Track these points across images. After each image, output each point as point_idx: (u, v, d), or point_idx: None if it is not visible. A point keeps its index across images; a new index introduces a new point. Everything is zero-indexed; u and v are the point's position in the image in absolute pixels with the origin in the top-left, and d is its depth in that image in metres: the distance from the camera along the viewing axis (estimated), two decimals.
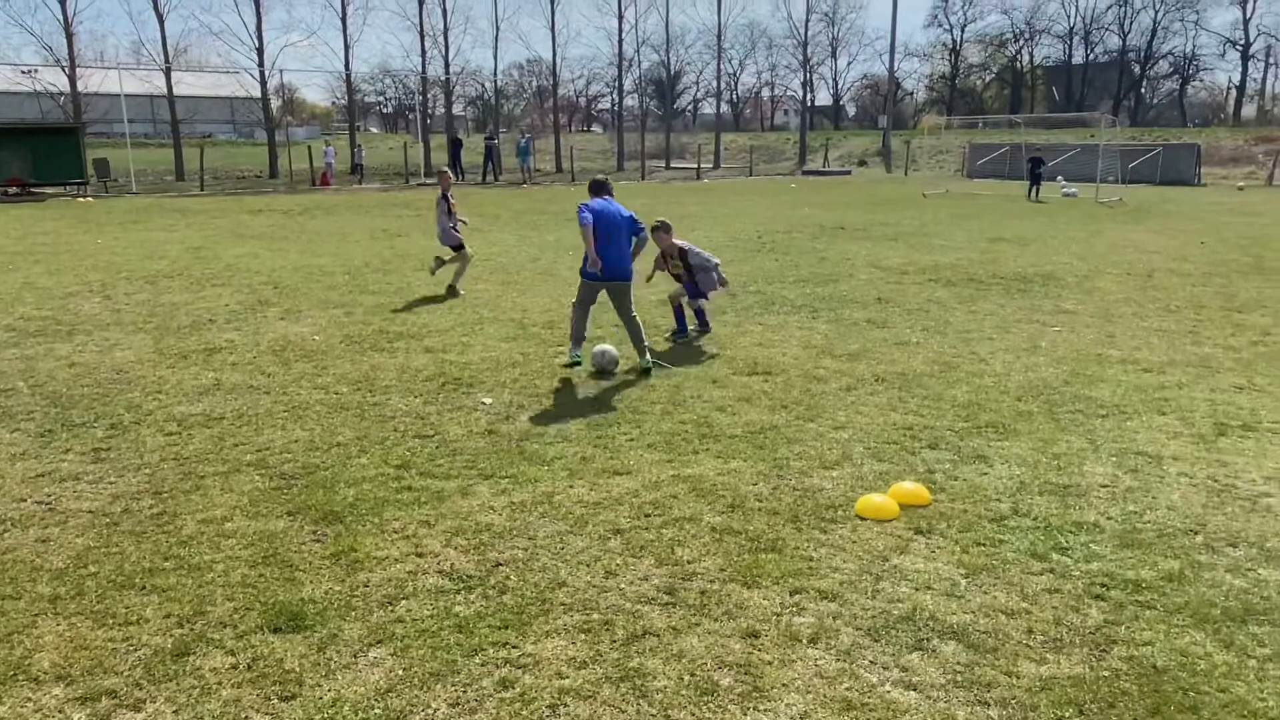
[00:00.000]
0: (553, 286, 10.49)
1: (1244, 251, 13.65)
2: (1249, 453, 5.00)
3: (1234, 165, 38.88)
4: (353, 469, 4.78)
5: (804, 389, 6.27)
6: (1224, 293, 10.05)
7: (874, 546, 3.87)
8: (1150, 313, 8.93)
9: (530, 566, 3.70)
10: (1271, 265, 12.19)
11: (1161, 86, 73.28)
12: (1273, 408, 5.81)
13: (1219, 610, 3.34)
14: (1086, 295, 9.90)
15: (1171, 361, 7.00)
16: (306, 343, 7.65)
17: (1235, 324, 8.40)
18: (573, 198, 26.53)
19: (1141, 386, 6.30)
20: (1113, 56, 70.02)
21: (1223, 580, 3.57)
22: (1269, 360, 7.05)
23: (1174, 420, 5.56)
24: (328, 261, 12.50)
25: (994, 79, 79.87)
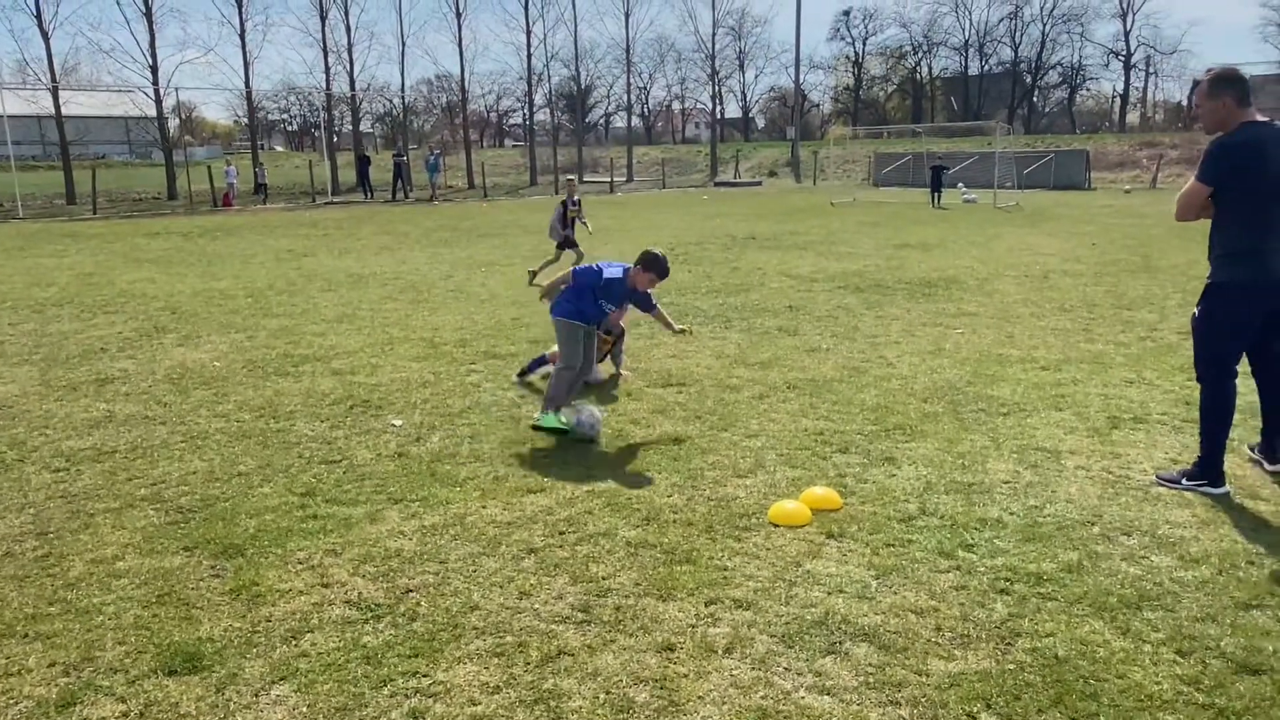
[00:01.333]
0: (465, 304, 10.35)
1: (1132, 252, 14.38)
2: (1140, 444, 5.23)
3: (1121, 170, 41.07)
4: (255, 499, 4.60)
5: (717, 399, 6.31)
6: (1114, 292, 10.55)
7: (787, 553, 3.91)
8: (1047, 313, 9.30)
9: (441, 591, 3.61)
10: (1158, 264, 12.87)
11: (1052, 96, 77.02)
12: (1161, 400, 6.10)
13: (1115, 598, 3.47)
14: (987, 297, 10.27)
15: (1067, 359, 7.30)
16: (206, 369, 7.35)
17: (1125, 321, 8.82)
18: (485, 214, 26.32)
19: (1040, 384, 6.55)
20: (1006, 67, 73.29)
21: (1118, 569, 3.71)
22: (1157, 355, 7.41)
23: (1070, 416, 5.79)
24: (229, 285, 12.08)
25: (895, 90, 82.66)
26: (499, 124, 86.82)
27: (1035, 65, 71.79)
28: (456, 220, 23.73)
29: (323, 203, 32.63)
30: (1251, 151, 4.25)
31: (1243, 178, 4.27)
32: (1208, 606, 3.40)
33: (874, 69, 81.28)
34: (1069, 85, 73.92)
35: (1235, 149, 4.27)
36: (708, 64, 56.17)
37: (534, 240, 17.69)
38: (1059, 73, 73.52)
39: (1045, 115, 75.70)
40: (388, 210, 28.77)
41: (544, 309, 9.65)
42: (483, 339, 8.41)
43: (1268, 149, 4.25)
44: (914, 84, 79.62)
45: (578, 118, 59.94)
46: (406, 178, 35.97)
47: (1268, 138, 4.26)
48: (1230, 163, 4.28)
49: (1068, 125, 70.54)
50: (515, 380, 6.84)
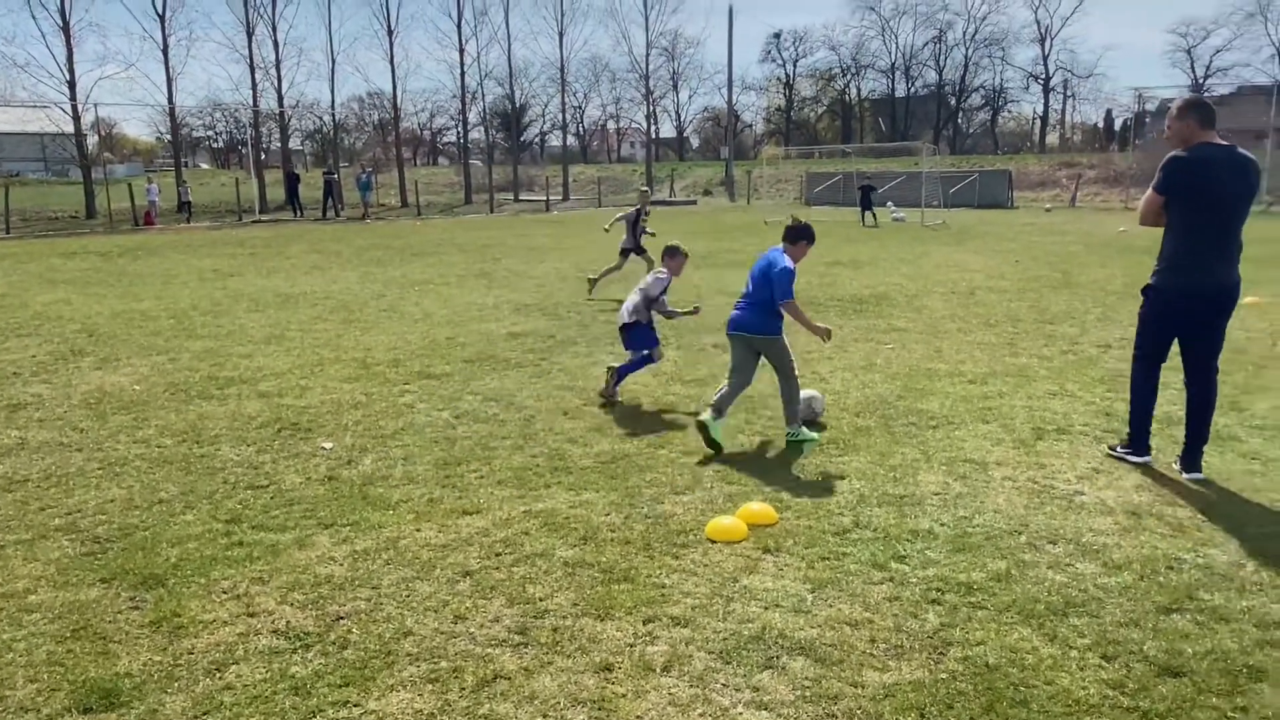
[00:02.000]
0: (398, 324, 10.20)
1: (1053, 268, 14.90)
2: (1064, 454, 5.40)
3: (1041, 189, 42.62)
4: (177, 527, 4.44)
5: (655, 417, 6.33)
6: (1037, 307, 10.91)
7: (724, 569, 3.92)
8: (973, 328, 9.57)
9: (374, 617, 3.52)
10: (1078, 280, 13.35)
11: (975, 117, 79.77)
12: (1083, 411, 6.31)
13: (1043, 605, 3.56)
14: (916, 313, 10.52)
15: (993, 372, 7.51)
16: (125, 393, 7.09)
17: (1048, 335, 9.12)
18: (418, 232, 26.01)
19: (967, 397, 6.72)
20: (931, 90, 75.74)
21: (1045, 576, 3.82)
22: (1078, 367, 7.68)
23: (997, 428, 5.95)
24: (150, 306, 11.70)
25: (826, 111, 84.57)
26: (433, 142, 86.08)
27: (959, 88, 74.39)
28: (389, 239, 23.40)
29: (250, 221, 31.88)
30: (1201, 167, 4.66)
31: (1189, 191, 4.69)
32: (1130, 611, 3.51)
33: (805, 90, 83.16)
34: (991, 107, 76.68)
35: (1188, 163, 4.68)
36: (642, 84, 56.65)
37: (468, 258, 17.55)
38: (982, 95, 76.32)
39: (969, 136, 78.33)
40: (318, 229, 28.23)
41: (477, 329, 9.63)
42: (416, 359, 8.29)
43: (1216, 168, 4.66)
44: (844, 105, 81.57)
45: (513, 136, 59.83)
46: (337, 196, 35.39)
47: (1220, 158, 4.66)
48: (1181, 176, 4.69)
49: (991, 146, 73.06)
50: (606, 397, 6.65)
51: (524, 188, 50.67)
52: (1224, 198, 4.69)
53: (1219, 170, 4.65)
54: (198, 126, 79.57)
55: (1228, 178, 4.67)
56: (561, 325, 9.99)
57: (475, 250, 19.55)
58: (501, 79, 54.67)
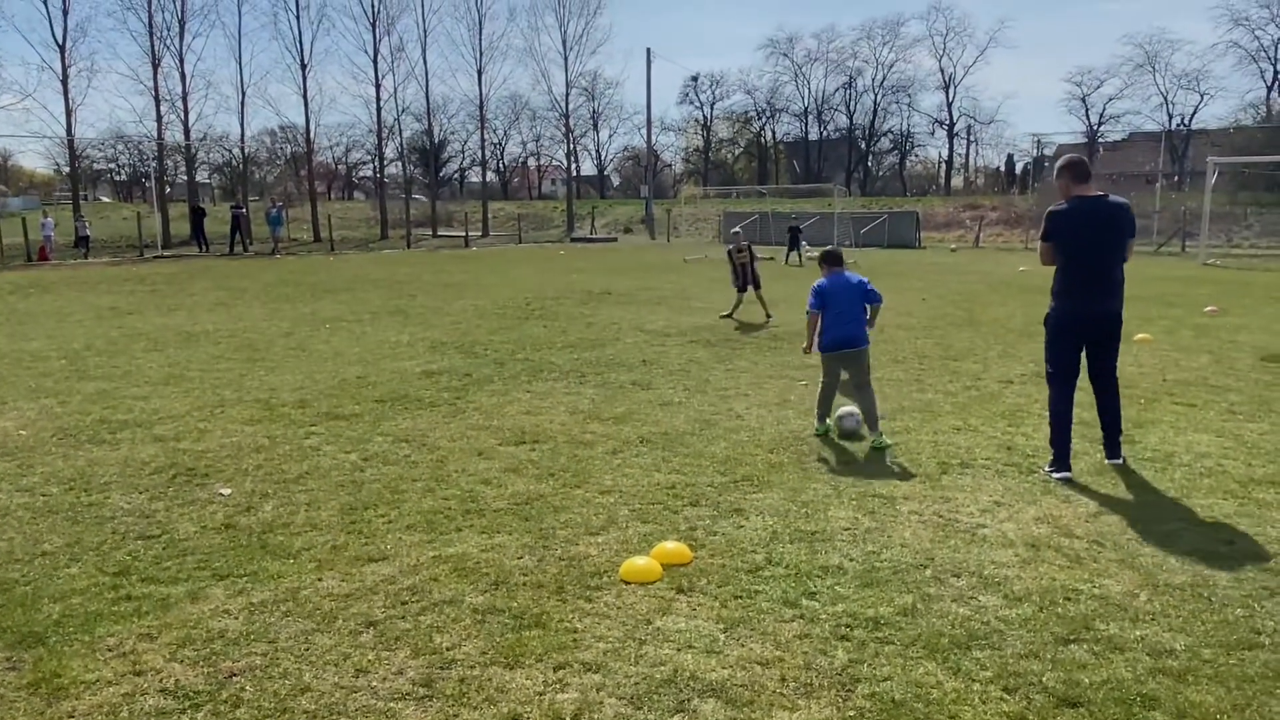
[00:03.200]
0: (305, 363, 9.93)
1: (958, 306, 15.47)
2: (967, 488, 5.57)
3: (947, 229, 44.39)
4: (60, 581, 4.19)
5: (571, 455, 6.29)
6: (942, 343, 11.29)
7: (637, 610, 3.89)
8: (882, 364, 9.82)
9: (269, 674, 3.37)
10: (980, 318, 13.88)
11: (885, 160, 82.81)
12: (985, 445, 6.52)
13: (947, 639, 3.64)
14: None
15: (901, 408, 7.72)
16: (9, 439, 6.70)
17: (952, 371, 9.43)
18: (331, 268, 25.49)
19: None
20: (842, 133, 78.32)
21: (949, 610, 3.90)
22: (981, 403, 7.95)
23: (905, 462, 6.10)
24: (41, 345, 11.13)
25: (743, 152, 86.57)
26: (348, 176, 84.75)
27: (869, 132, 77.19)
28: (300, 274, 22.85)
29: (152, 256, 30.73)
30: (1075, 217, 5.61)
31: (1066, 236, 5.63)
32: (1031, 643, 3.62)
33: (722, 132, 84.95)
34: (899, 151, 79.79)
35: (1064, 214, 5.64)
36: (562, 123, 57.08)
37: (383, 295, 17.25)
38: (890, 139, 79.35)
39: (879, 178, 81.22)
40: (224, 264, 27.40)
41: (390, 367, 9.45)
42: (324, 399, 8.07)
43: (1086, 218, 5.59)
44: (759, 146, 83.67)
45: (431, 172, 59.40)
46: (245, 230, 34.47)
47: (1088, 209, 5.60)
48: (1058, 225, 5.64)
49: (899, 188, 75.92)
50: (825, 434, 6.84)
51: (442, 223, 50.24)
52: (1096, 242, 5.61)
53: (1089, 219, 5.59)
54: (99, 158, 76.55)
55: (1098, 224, 5.59)
56: (478, 363, 9.88)
57: (390, 286, 19.24)
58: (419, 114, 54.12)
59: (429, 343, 11.33)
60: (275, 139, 69.85)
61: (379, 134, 46.77)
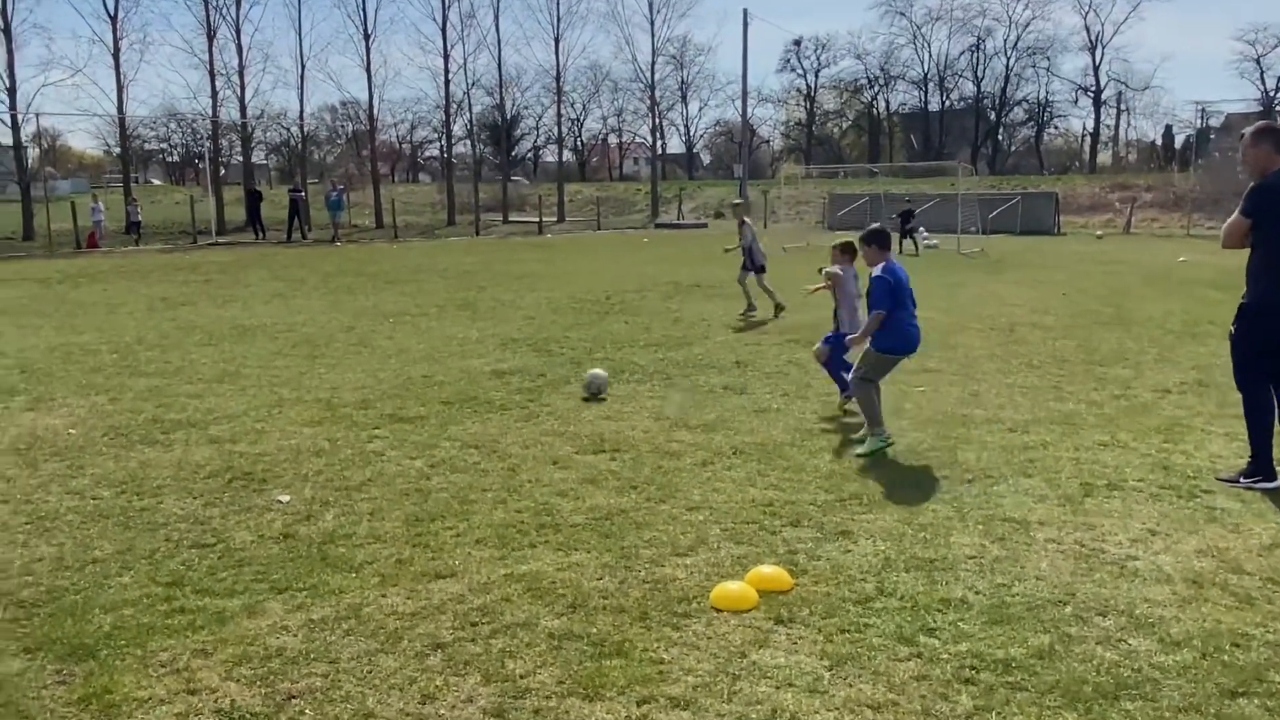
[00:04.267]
0: (368, 360, 10.24)
1: (1105, 302, 14.97)
2: (1115, 513, 5.39)
3: (1092, 213, 42.97)
4: (111, 591, 4.43)
5: (655, 466, 6.33)
6: (1086, 346, 10.95)
7: (731, 641, 3.90)
8: (1014, 368, 9.60)
9: (330, 697, 3.50)
10: (1132, 316, 13.41)
11: (1018, 133, 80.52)
12: (1137, 464, 6.31)
13: (1090, 688, 3.53)
14: (950, 352, 10.55)
15: (1036, 419, 7.52)
16: (59, 438, 7.10)
17: (1098, 378, 9.14)
18: (394, 257, 26.20)
19: (1007, 447, 6.72)
20: (968, 103, 76.50)
21: (1093, 653, 3.79)
22: (1131, 415, 7.68)
23: (1040, 482, 5.95)
24: (91, 338, 11.76)
25: (851, 126, 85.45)
26: (413, 156, 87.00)
27: (1000, 101, 75.17)
28: (361, 264, 23.57)
29: (206, 243, 32.13)
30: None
31: (1271, 215, 5.49)
32: (1191, 695, 3.48)
33: (828, 103, 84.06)
34: (1036, 122, 77.46)
35: (1269, 190, 5.48)
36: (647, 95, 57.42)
37: (450, 286, 17.65)
38: (1025, 109, 77.09)
39: (1011, 154, 79.06)
40: (282, 252, 28.46)
41: (458, 366, 9.67)
42: (388, 400, 8.31)
43: None
44: (871, 119, 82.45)
45: (502, 151, 60.44)
46: (304, 216, 35.71)
47: None
48: (1261, 201, 5.51)
49: (1035, 165, 73.74)
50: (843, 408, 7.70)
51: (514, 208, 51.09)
52: None
53: None
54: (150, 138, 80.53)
55: None
56: (552, 363, 10.03)
57: (458, 277, 19.68)
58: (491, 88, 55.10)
59: (499, 339, 11.55)
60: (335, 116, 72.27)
61: (446, 109, 47.90)
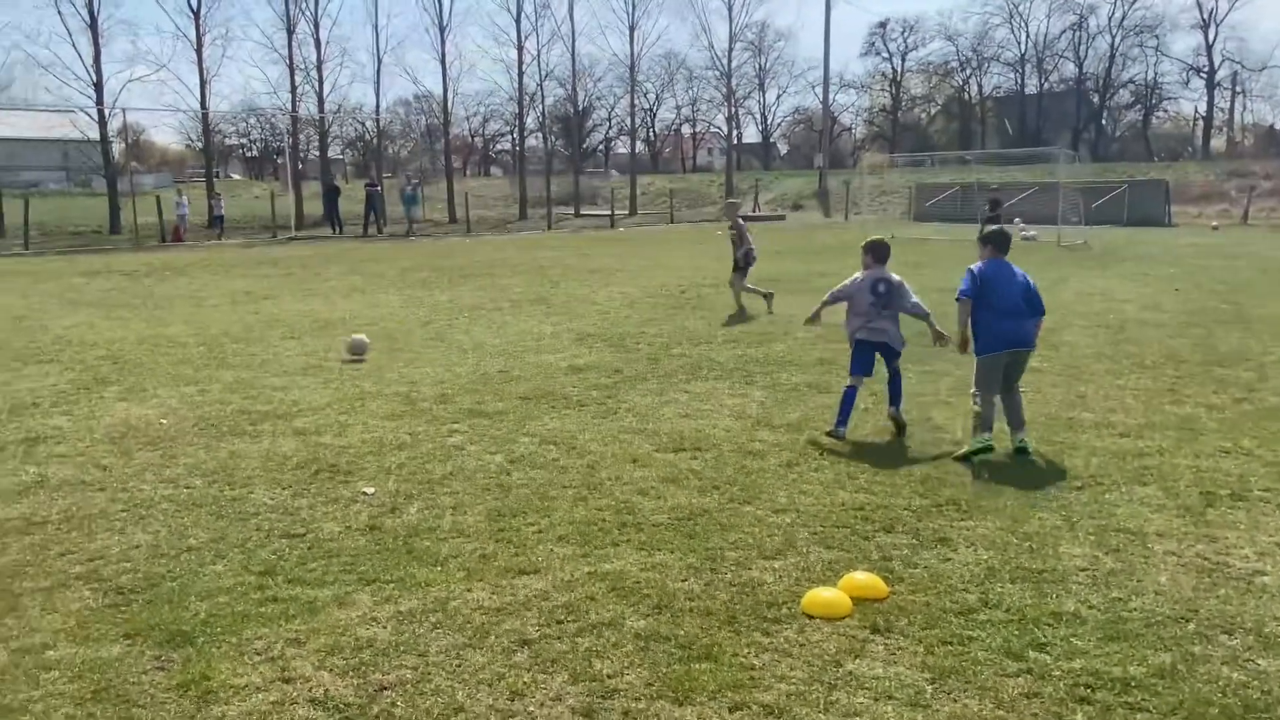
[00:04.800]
0: (445, 354, 10.42)
1: (1222, 298, 14.44)
2: (1240, 525, 5.21)
3: (1206, 203, 41.35)
4: (206, 578, 4.60)
5: (738, 466, 6.32)
6: (1204, 345, 10.57)
7: (825, 650, 3.88)
8: (1124, 369, 9.32)
9: (421, 689, 3.59)
10: (1254, 313, 12.90)
11: (1123, 117, 77.84)
12: (1263, 473, 6.08)
13: (1216, 709, 3.43)
14: (1053, 351, 10.29)
15: (1150, 424, 7.30)
16: (152, 428, 7.40)
17: (1217, 380, 8.83)
18: (468, 251, 26.60)
19: (1119, 453, 6.54)
20: (1069, 85, 74.26)
21: (1219, 674, 3.68)
22: (1256, 419, 7.40)
23: (1157, 491, 5.77)
24: (179, 331, 12.21)
25: (940, 111, 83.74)
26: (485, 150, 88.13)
27: (1103, 83, 72.76)
28: (436, 258, 23.98)
29: (286, 238, 33.06)
30: None
31: None
32: None
33: (915, 88, 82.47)
34: (1143, 106, 74.74)
35: None
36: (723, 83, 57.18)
37: (524, 281, 17.86)
38: (1131, 91, 74.38)
39: (1116, 140, 76.48)
40: (359, 246, 29.12)
41: (534, 361, 9.77)
42: (466, 394, 8.45)
43: None
44: (961, 104, 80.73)
45: (574, 143, 60.81)
46: (380, 210, 36.45)
47: None
48: None
49: (1143, 151, 71.17)
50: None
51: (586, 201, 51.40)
52: None
53: None
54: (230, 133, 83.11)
55: None
56: (629, 358, 10.08)
57: (531, 272, 19.89)
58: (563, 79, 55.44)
59: (575, 334, 11.65)
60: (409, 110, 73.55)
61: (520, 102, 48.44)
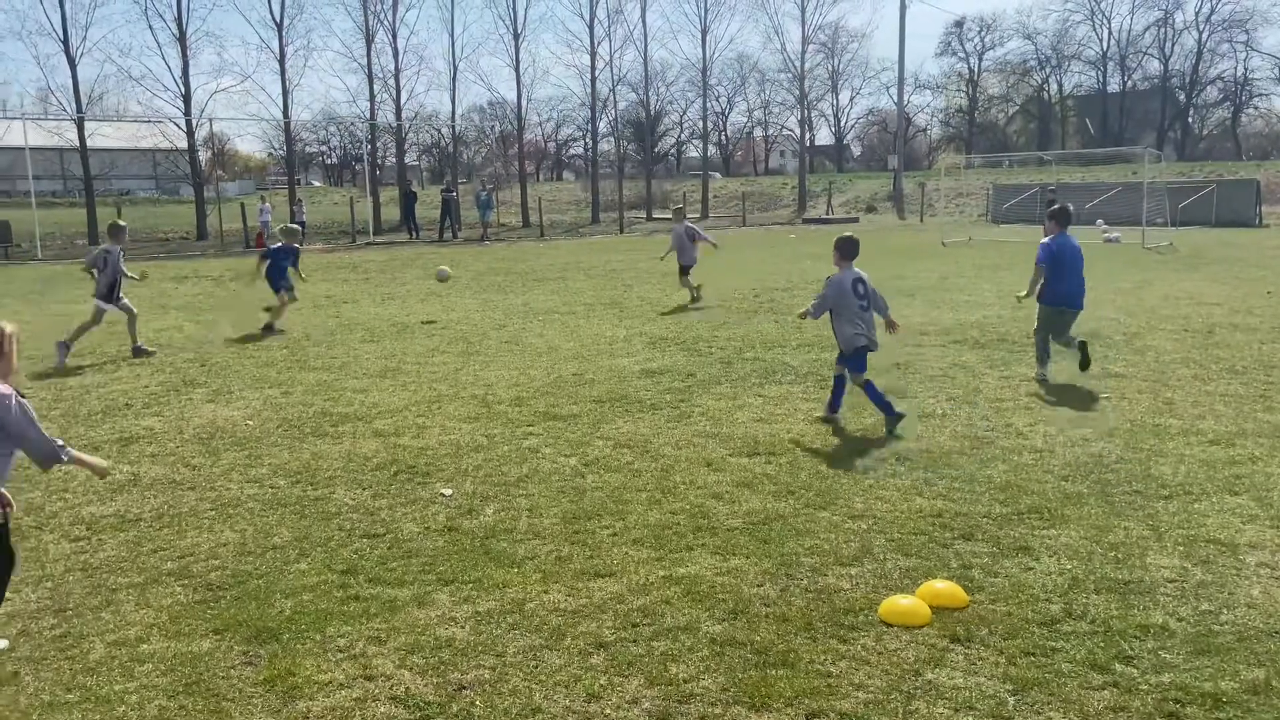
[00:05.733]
0: (520, 357, 10.52)
1: None
2: None
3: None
4: (290, 576, 4.72)
5: (813, 471, 6.27)
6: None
7: (903, 658, 3.83)
8: (1213, 375, 9.02)
9: (499, 690, 3.63)
10: None
11: (1211, 115, 75.40)
12: None
13: None
14: (1138, 356, 10.02)
15: (1241, 431, 7.05)
16: (238, 428, 7.61)
17: None
18: (541, 255, 26.84)
19: (1209, 461, 6.34)
20: (1154, 83, 72.18)
21: None
22: None
23: (1249, 501, 5.58)
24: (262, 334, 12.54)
25: (1018, 112, 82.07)
26: (557, 155, 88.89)
27: (1190, 80, 70.55)
28: (510, 262, 24.24)
29: (364, 243, 33.73)
30: None
31: None
32: None
33: (992, 87, 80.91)
34: (1232, 103, 72.32)
35: None
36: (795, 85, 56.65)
37: (596, 285, 17.96)
38: (1219, 88, 72.06)
39: (1204, 139, 74.13)
40: (435, 251, 29.58)
41: (607, 365, 9.82)
42: (541, 397, 8.53)
43: None
44: (1040, 104, 79.00)
45: (646, 147, 60.99)
46: (455, 215, 36.99)
47: None
48: None
49: (1231, 150, 68.87)
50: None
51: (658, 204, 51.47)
52: None
53: None
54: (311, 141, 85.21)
55: None
56: (702, 362, 10.06)
57: (604, 275, 19.98)
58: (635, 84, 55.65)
59: (647, 338, 11.67)
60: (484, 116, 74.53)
61: (592, 107, 48.65)
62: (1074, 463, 6.35)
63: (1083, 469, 6.22)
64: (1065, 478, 6.05)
